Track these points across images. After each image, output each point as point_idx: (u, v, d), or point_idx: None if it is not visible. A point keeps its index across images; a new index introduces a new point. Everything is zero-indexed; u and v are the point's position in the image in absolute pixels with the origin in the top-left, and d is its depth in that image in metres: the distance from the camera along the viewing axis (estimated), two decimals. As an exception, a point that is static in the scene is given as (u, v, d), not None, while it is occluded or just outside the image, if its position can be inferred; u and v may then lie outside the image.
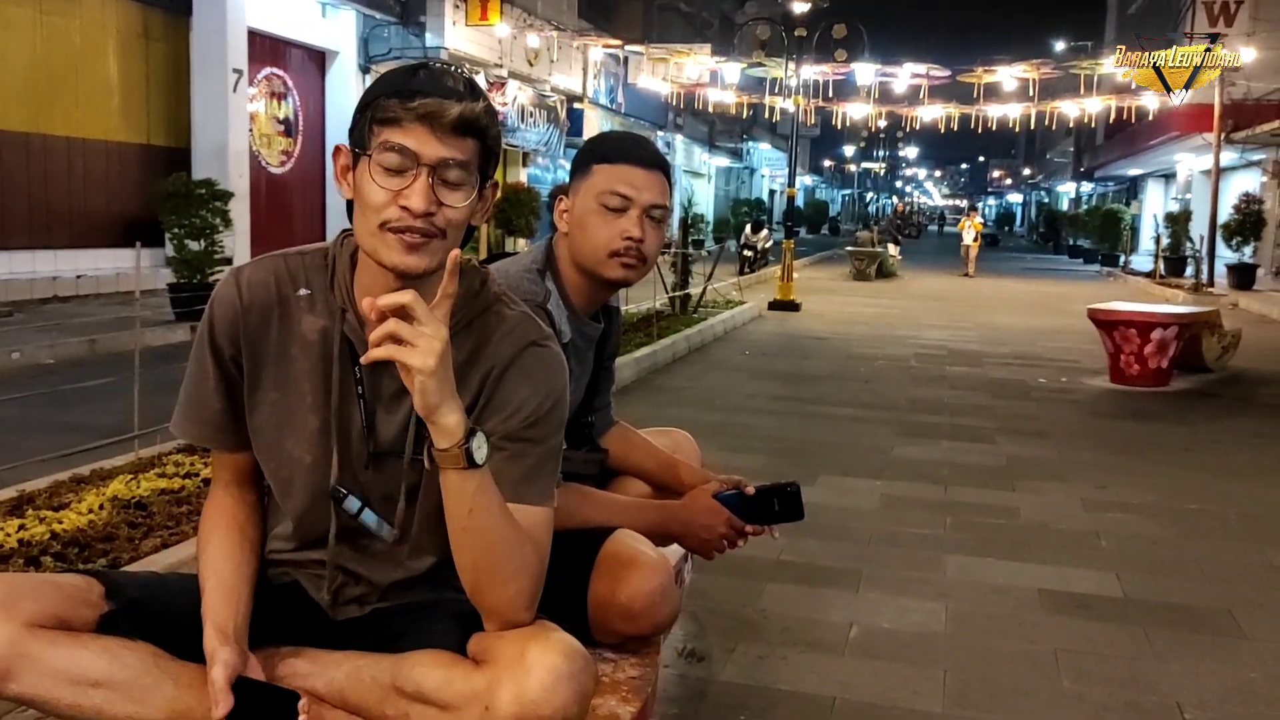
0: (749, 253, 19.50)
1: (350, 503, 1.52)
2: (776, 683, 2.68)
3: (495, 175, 1.50)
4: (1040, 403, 7.13)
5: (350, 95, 15.29)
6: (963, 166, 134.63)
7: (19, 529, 3.04)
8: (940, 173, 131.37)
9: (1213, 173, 19.21)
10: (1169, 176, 31.60)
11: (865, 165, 66.54)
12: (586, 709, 1.39)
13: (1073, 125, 25.61)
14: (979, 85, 16.84)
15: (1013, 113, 17.76)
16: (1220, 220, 18.93)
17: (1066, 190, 50.06)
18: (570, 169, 2.08)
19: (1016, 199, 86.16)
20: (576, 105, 21.46)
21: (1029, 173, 68.91)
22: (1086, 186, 44.30)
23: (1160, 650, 2.98)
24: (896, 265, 21.71)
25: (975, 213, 24.51)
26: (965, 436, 5.89)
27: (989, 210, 79.83)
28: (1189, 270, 19.69)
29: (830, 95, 18.03)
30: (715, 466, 2.34)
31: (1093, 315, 7.99)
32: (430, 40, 15.96)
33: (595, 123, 22.24)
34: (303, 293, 1.53)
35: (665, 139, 28.71)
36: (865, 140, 59.81)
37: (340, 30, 15.57)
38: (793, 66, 15.91)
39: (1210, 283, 17.91)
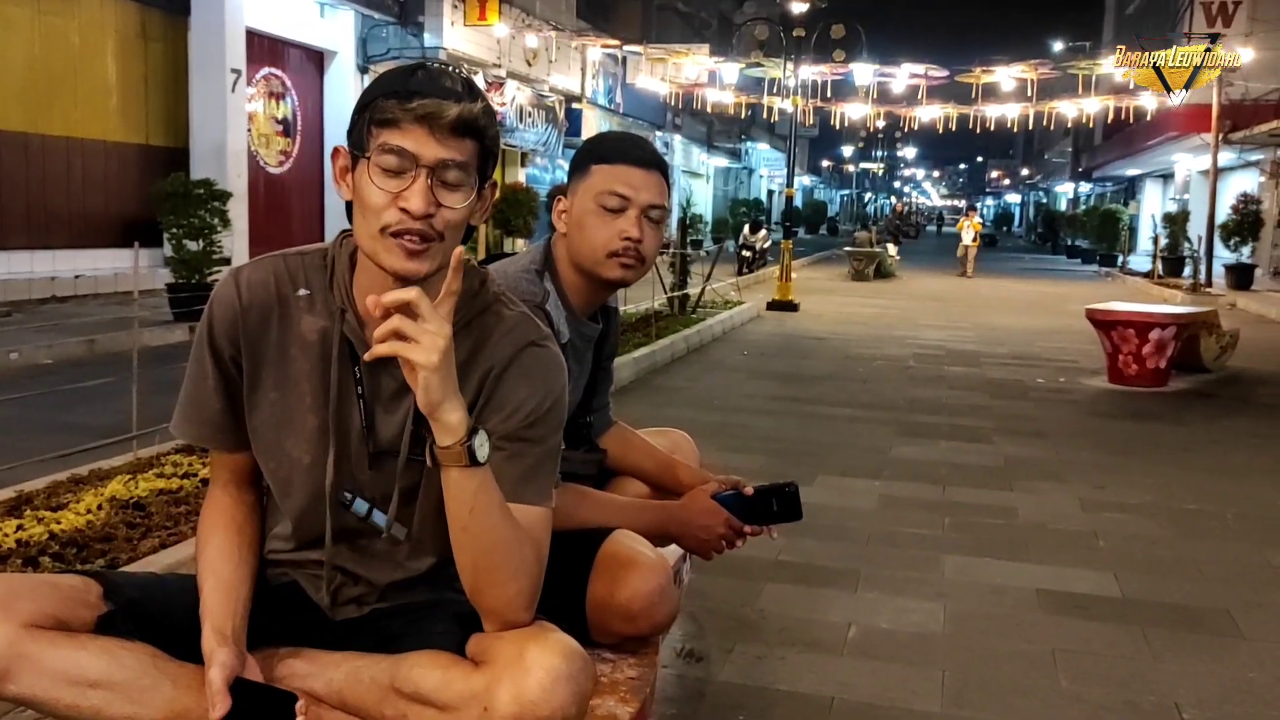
0: (747, 253, 19.50)
1: (359, 505, 1.52)
2: (775, 683, 2.69)
3: (494, 175, 1.50)
4: (1038, 403, 7.14)
5: (349, 95, 15.29)
6: (961, 167, 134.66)
7: (17, 529, 3.04)
8: (938, 173, 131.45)
9: (1211, 173, 19.22)
10: (1167, 177, 31.62)
11: (864, 165, 66.53)
12: (585, 709, 1.40)
13: (1071, 125, 25.73)
14: (977, 85, 16.86)
15: (1011, 113, 17.77)
16: (1218, 220, 18.95)
17: (1065, 190, 50.10)
18: (568, 169, 2.08)
19: (1015, 199, 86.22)
20: (575, 105, 21.46)
21: (1027, 173, 68.97)
22: (1085, 187, 44.33)
23: (1158, 650, 2.98)
24: (895, 265, 21.72)
25: (974, 213, 24.51)
26: (963, 437, 5.89)
27: (987, 210, 79.81)
28: (1187, 270, 19.70)
29: (828, 95, 18.04)
30: (714, 467, 2.34)
31: (1091, 315, 7.99)
32: (429, 40, 15.96)
33: (594, 123, 22.23)
34: (302, 293, 1.53)
35: (664, 139, 28.71)
36: (864, 140, 59.83)
37: (339, 30, 15.57)
38: (791, 67, 15.93)
39: (1208, 283, 17.92)
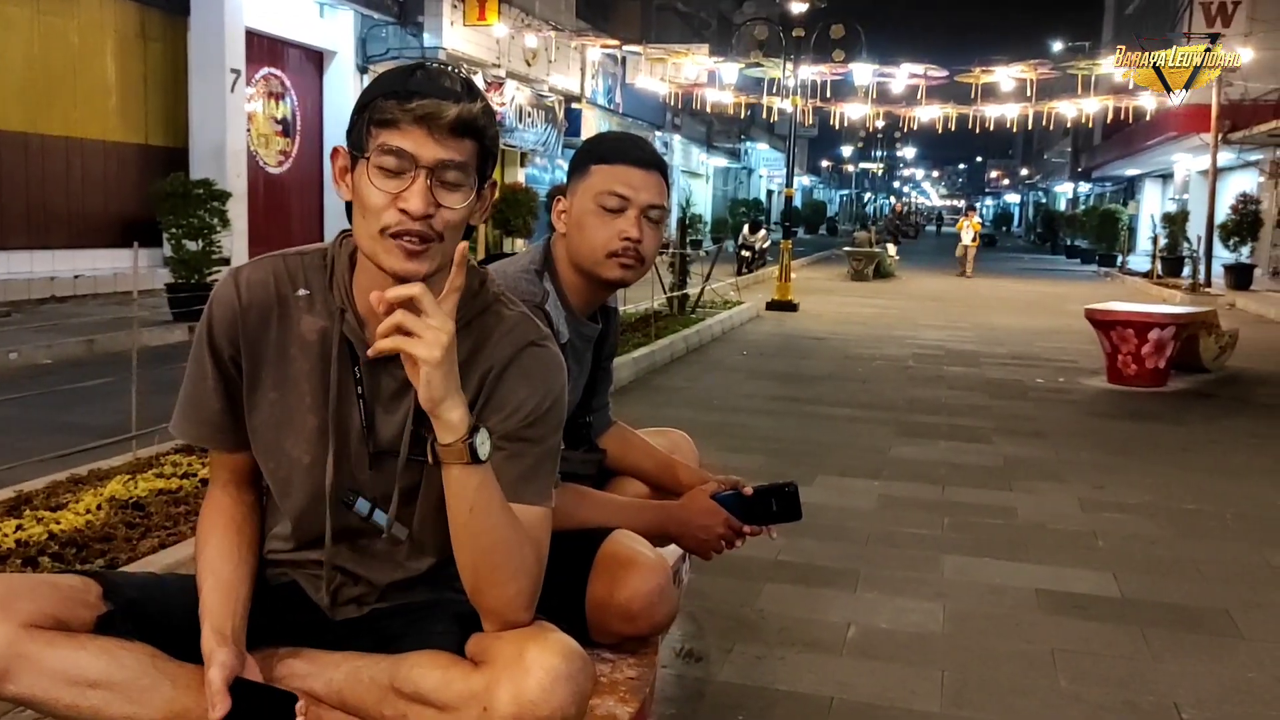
0: (747, 253, 19.50)
1: (361, 505, 1.52)
2: (774, 683, 2.69)
3: (493, 175, 1.50)
4: (1037, 403, 7.14)
5: (348, 95, 15.29)
6: (960, 167, 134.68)
7: (16, 529, 3.04)
8: (938, 173, 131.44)
9: (1210, 173, 19.22)
10: (1166, 177, 31.62)
11: (863, 165, 66.52)
12: (584, 709, 1.40)
13: (1070, 125, 25.71)
14: (976, 85, 16.87)
15: (1010, 113, 17.78)
16: (1217, 220, 18.96)
17: (1064, 190, 50.10)
18: (568, 169, 2.08)
19: (1014, 199, 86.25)
20: (574, 105, 21.46)
21: (1026, 173, 68.98)
22: (1084, 187, 44.32)
23: (1158, 650, 2.98)
24: (894, 265, 21.72)
25: (973, 213, 24.54)
26: (963, 437, 5.89)
27: (986, 210, 79.82)
28: (1186, 270, 19.70)
29: (828, 95, 18.05)
30: (713, 467, 2.34)
31: (1090, 315, 7.99)
32: (428, 40, 15.95)
33: (593, 123, 22.23)
34: (302, 293, 1.52)
35: (663, 139, 28.71)
36: (863, 140, 59.80)
37: (338, 30, 15.56)
38: (790, 67, 15.93)
39: (1207, 283, 17.93)
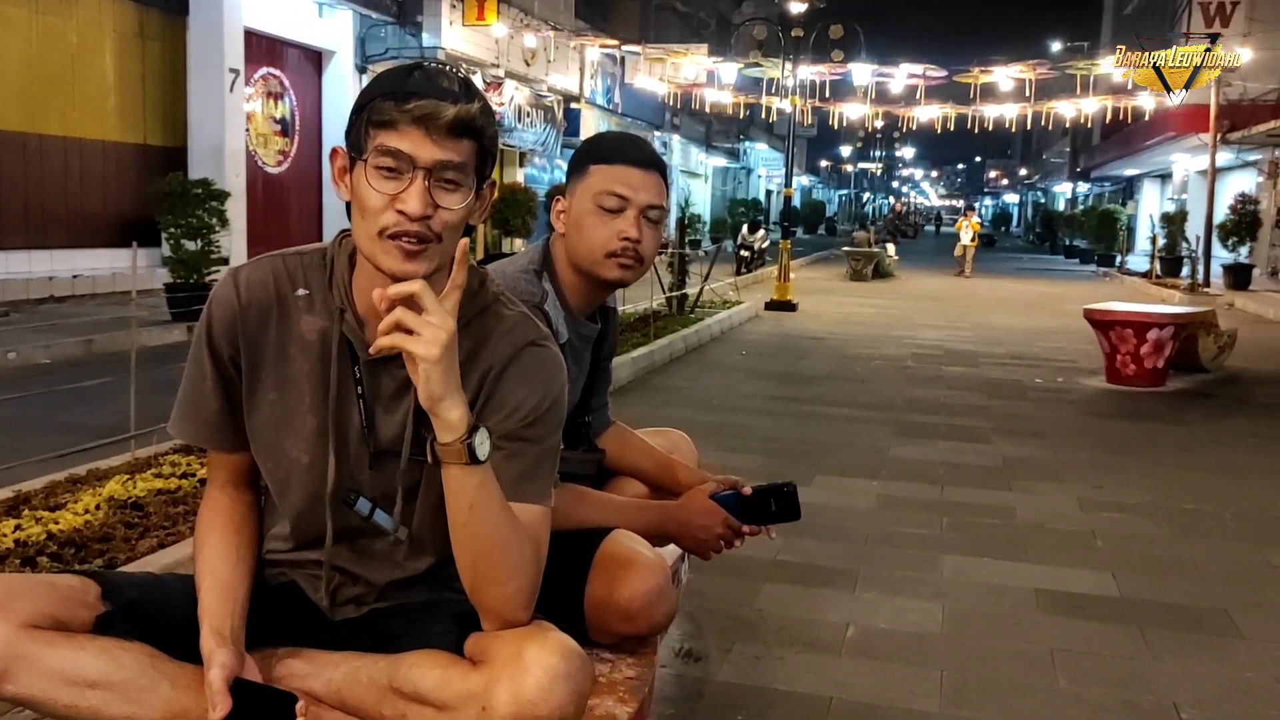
0: (746, 253, 19.51)
1: (361, 504, 1.52)
2: (773, 683, 2.68)
3: (492, 175, 1.49)
4: (1036, 403, 7.14)
5: (347, 95, 15.29)
6: (959, 167, 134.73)
7: (15, 529, 3.03)
8: (937, 173, 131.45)
9: (1209, 173, 19.23)
10: (1165, 177, 31.64)
11: (862, 165, 66.55)
12: (583, 709, 1.40)
13: (1069, 126, 25.73)
14: (975, 85, 16.88)
15: (1009, 113, 17.79)
16: (1216, 220, 18.97)
17: (1063, 190, 50.12)
18: (567, 170, 2.08)
19: (1013, 199, 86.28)
20: (573, 105, 21.46)
21: (1025, 173, 69.01)
22: (1083, 187, 44.34)
23: (1157, 650, 2.98)
24: (893, 265, 21.73)
25: (972, 213, 24.57)
26: (962, 436, 5.89)
27: (985, 210, 79.81)
28: (1185, 270, 19.71)
29: (827, 95, 18.07)
30: (712, 467, 2.34)
31: (1089, 315, 7.99)
32: (427, 40, 15.95)
33: (592, 123, 22.23)
34: (301, 293, 1.52)
35: (662, 139, 28.70)
36: (862, 140, 59.81)
37: (337, 30, 15.56)
38: (789, 67, 15.93)
39: (1206, 283, 17.93)
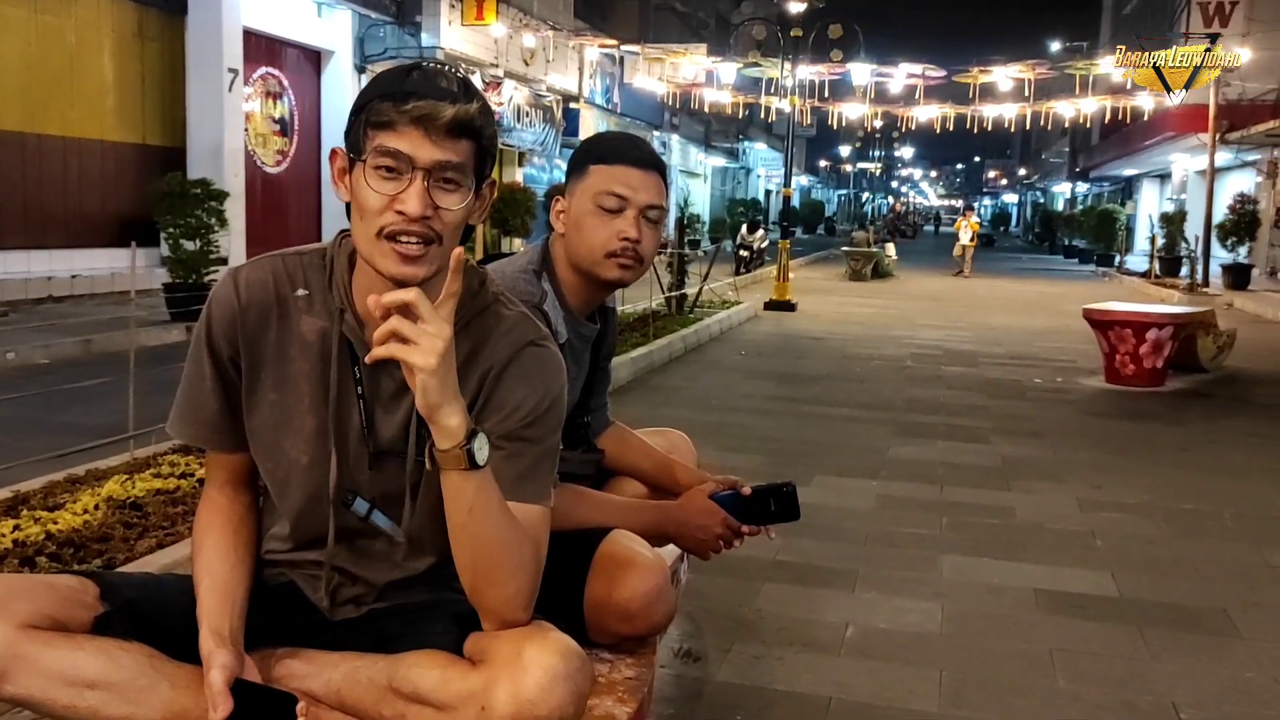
0: (745, 253, 19.51)
1: (359, 505, 1.52)
2: (772, 683, 2.68)
3: (492, 175, 1.49)
4: (1036, 403, 7.14)
5: (346, 95, 15.29)
6: (958, 167, 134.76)
7: (14, 529, 3.03)
8: (936, 173, 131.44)
9: (1208, 173, 19.24)
10: (1164, 177, 31.65)
11: (861, 165, 66.61)
12: (583, 709, 1.40)
13: (1068, 125, 25.72)
14: (974, 85, 16.88)
15: (1008, 113, 17.80)
16: (1215, 220, 18.98)
17: (1062, 190, 50.13)
18: (566, 170, 2.08)
19: (1012, 199, 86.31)
20: (572, 105, 21.46)
21: (1024, 173, 69.03)
22: (1082, 187, 44.35)
23: (1156, 650, 2.98)
24: (892, 265, 21.73)
25: (971, 213, 24.57)
26: (961, 436, 5.89)
27: (984, 210, 79.74)
28: (1184, 270, 19.72)
29: (826, 95, 18.06)
30: (711, 467, 2.34)
31: (1088, 315, 7.99)
32: (426, 40, 15.95)
33: (591, 123, 22.24)
34: (301, 293, 1.52)
35: (661, 139, 28.71)
36: (861, 140, 59.86)
37: (336, 30, 15.56)
38: (788, 66, 15.93)
39: (1205, 283, 17.94)
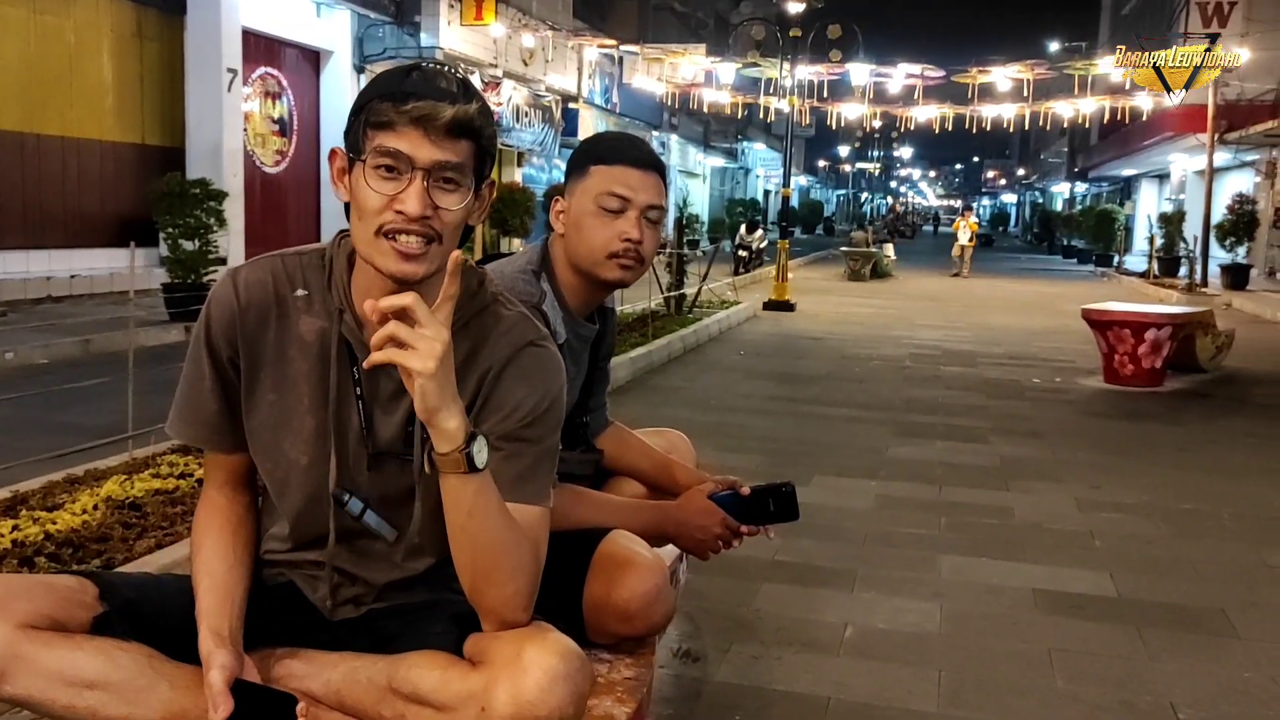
0: (744, 253, 19.51)
1: (353, 504, 1.52)
2: (771, 683, 2.68)
3: (491, 175, 1.49)
4: (1034, 403, 7.14)
5: (345, 95, 15.28)
6: (957, 167, 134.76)
7: (13, 529, 3.03)
8: (935, 173, 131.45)
9: (1206, 173, 19.25)
10: (1163, 177, 31.67)
11: (860, 165, 66.58)
12: (582, 709, 1.40)
13: (1067, 126, 25.74)
14: (973, 86, 16.89)
15: (1007, 113, 17.80)
16: (1214, 220, 18.98)
17: (1061, 190, 50.16)
18: (566, 170, 2.08)
19: (1011, 199, 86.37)
20: (571, 105, 21.46)
21: (1023, 173, 69.06)
22: (1081, 187, 44.38)
23: (1155, 650, 2.98)
24: (891, 265, 21.74)
25: (970, 213, 24.58)
26: (960, 436, 5.89)
27: (983, 210, 79.83)
28: (1183, 270, 19.73)
29: (825, 95, 18.08)
30: (710, 467, 2.34)
31: (1087, 315, 8.00)
32: (425, 40, 15.95)
33: (590, 123, 22.23)
34: (300, 293, 1.52)
35: (660, 139, 28.71)
36: (860, 140, 59.82)
37: (335, 30, 15.55)
38: (788, 67, 15.94)
39: (1204, 283, 17.95)
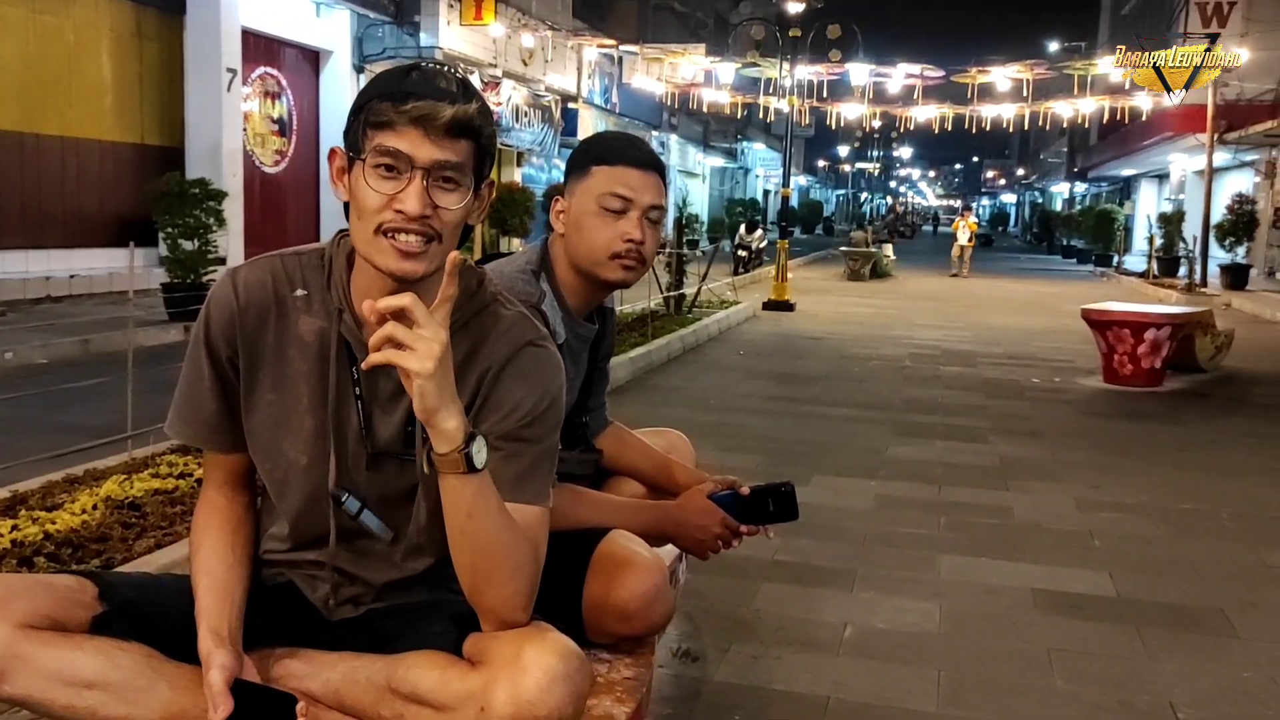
0: (743, 252, 19.51)
1: (350, 504, 1.52)
2: (771, 683, 2.68)
3: (491, 175, 1.49)
4: (1034, 403, 7.14)
5: (344, 95, 15.28)
6: (957, 167, 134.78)
7: (12, 529, 3.03)
8: (934, 173, 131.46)
9: (1206, 173, 19.26)
10: (1162, 177, 31.68)
11: (859, 165, 66.59)
12: (582, 709, 1.40)
13: (1066, 126, 25.75)
14: (973, 85, 16.90)
15: (1007, 113, 17.81)
16: (1213, 220, 18.99)
17: (1060, 190, 50.16)
18: (566, 170, 2.08)
19: (1010, 199, 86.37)
20: (571, 105, 21.46)
21: (1023, 173, 69.06)
22: (1080, 187, 44.38)
23: (1154, 650, 2.98)
24: (890, 265, 21.74)
25: (969, 213, 24.60)
26: (959, 436, 5.90)
27: (983, 210, 79.97)
28: (1182, 270, 19.74)
29: (825, 95, 18.08)
30: (710, 467, 2.34)
31: (1086, 315, 8.00)
32: (425, 40, 15.95)
33: (590, 123, 22.23)
34: (299, 293, 1.52)
35: (660, 139, 28.70)
36: (859, 140, 59.83)
37: (335, 30, 15.55)
38: (787, 67, 15.94)
39: (1203, 283, 17.95)
